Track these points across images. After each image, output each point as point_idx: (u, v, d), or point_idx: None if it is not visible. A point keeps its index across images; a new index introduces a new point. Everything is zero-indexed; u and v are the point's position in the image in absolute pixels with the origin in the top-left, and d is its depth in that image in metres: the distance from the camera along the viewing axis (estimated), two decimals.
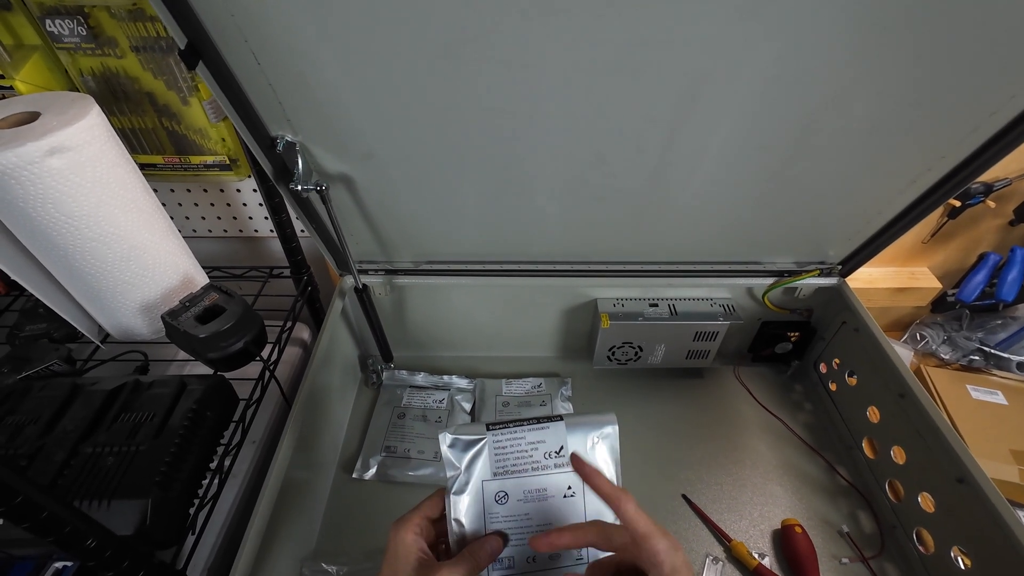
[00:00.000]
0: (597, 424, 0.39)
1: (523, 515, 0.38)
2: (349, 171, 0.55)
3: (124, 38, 0.58)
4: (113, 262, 0.56)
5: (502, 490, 0.38)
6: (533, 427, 0.39)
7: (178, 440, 0.49)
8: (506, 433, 0.38)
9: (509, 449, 0.38)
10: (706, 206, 0.61)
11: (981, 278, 0.82)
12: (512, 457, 0.38)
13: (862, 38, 0.41)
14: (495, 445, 0.38)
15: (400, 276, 0.73)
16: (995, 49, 0.42)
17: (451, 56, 0.42)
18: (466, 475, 0.38)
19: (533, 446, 0.38)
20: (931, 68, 0.44)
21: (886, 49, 0.42)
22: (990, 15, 0.40)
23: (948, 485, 0.55)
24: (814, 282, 0.74)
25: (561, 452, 0.38)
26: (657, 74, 0.44)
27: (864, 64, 0.44)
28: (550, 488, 0.38)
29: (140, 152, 0.68)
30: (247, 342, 0.59)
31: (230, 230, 0.82)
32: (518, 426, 0.39)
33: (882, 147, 0.53)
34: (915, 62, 0.43)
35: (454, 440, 0.38)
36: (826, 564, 0.61)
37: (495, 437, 0.38)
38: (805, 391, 0.81)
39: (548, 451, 0.38)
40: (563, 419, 0.39)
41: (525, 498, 0.38)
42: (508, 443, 0.38)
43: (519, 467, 0.38)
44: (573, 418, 0.39)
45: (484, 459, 0.38)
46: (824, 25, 0.40)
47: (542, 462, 0.38)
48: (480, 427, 0.39)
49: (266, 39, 0.40)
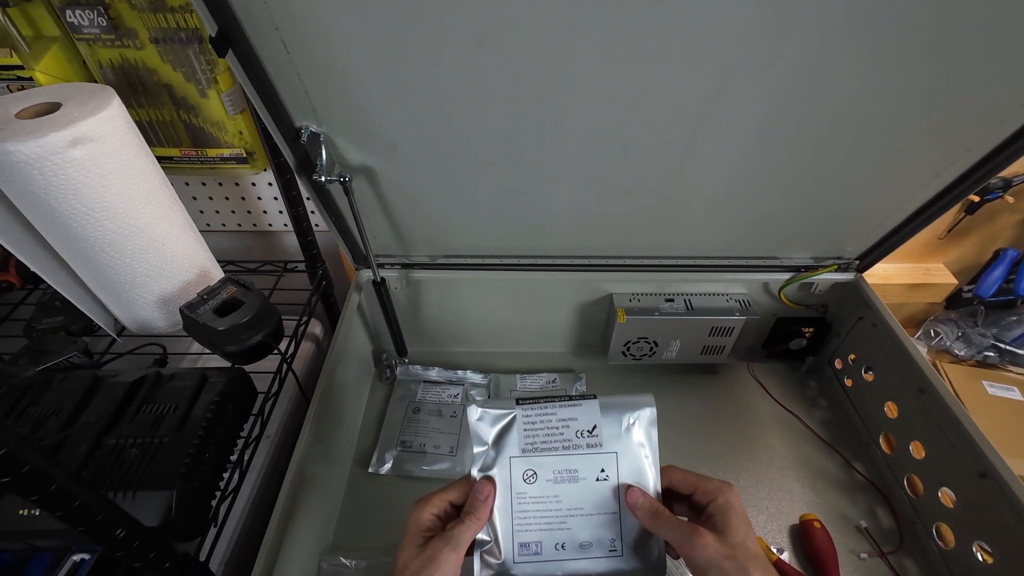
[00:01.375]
0: (633, 405, 0.37)
1: (552, 496, 0.36)
2: (372, 162, 0.54)
3: (144, 29, 0.58)
4: (132, 254, 0.56)
5: (531, 468, 0.36)
6: (565, 404, 0.37)
7: (201, 432, 0.49)
8: (536, 408, 0.37)
9: (539, 425, 0.37)
10: (727, 200, 0.61)
11: (999, 274, 0.82)
12: (542, 434, 0.36)
13: (889, 32, 0.41)
14: (524, 420, 0.37)
15: (416, 270, 0.73)
16: (1020, 42, 0.42)
17: (482, 45, 0.41)
18: (494, 451, 0.36)
19: (564, 423, 0.37)
20: (957, 61, 0.44)
21: (912, 42, 0.42)
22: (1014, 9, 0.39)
23: (970, 480, 0.55)
24: (831, 277, 0.74)
25: (594, 431, 0.36)
26: (686, 65, 0.44)
27: (891, 58, 0.43)
28: (582, 470, 0.36)
29: (157, 145, 0.68)
30: (265, 335, 0.59)
31: (244, 224, 0.82)
32: (549, 402, 0.37)
33: (907, 140, 0.52)
34: (942, 55, 0.43)
35: (482, 414, 0.37)
36: (844, 559, 0.61)
37: (525, 412, 0.37)
38: (820, 387, 0.81)
39: (580, 430, 0.36)
40: (597, 397, 0.37)
41: (555, 478, 0.36)
42: (538, 419, 0.37)
43: (549, 444, 0.36)
44: (608, 398, 0.38)
45: (513, 434, 0.36)
46: (852, 18, 0.40)
47: (574, 440, 0.36)
48: (509, 401, 0.37)
49: (297, 27, 0.39)
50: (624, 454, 0.37)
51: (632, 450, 0.37)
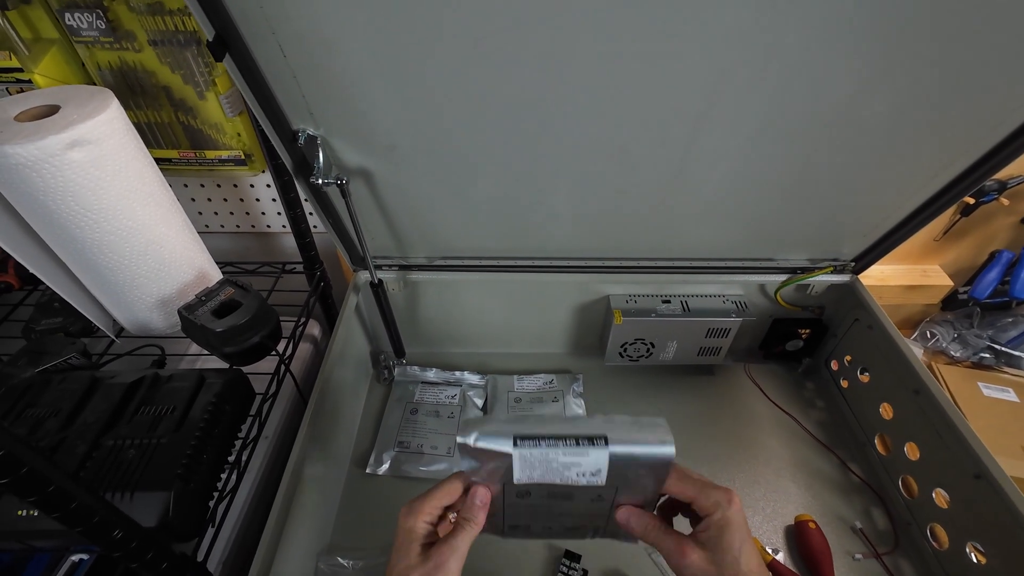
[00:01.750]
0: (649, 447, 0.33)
1: (545, 506, 0.37)
2: (369, 164, 0.55)
3: (142, 32, 0.58)
4: (130, 256, 0.56)
5: (526, 490, 0.36)
6: (570, 449, 0.34)
7: (198, 433, 0.49)
8: (537, 450, 0.34)
9: (536, 465, 0.34)
10: (724, 202, 0.61)
11: (994, 275, 0.82)
12: (539, 471, 0.34)
13: (886, 34, 0.41)
14: (520, 460, 0.34)
15: (414, 272, 0.73)
16: (1014, 46, 0.42)
17: (480, 46, 0.42)
18: (486, 473, 0.35)
19: (566, 467, 0.34)
20: (953, 64, 0.44)
21: (909, 45, 0.42)
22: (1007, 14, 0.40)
23: (964, 481, 0.55)
24: (827, 279, 0.74)
25: (597, 474, 0.34)
26: (684, 66, 0.44)
27: (887, 60, 0.44)
28: (577, 495, 0.36)
29: (156, 147, 0.68)
30: (263, 337, 0.59)
31: (243, 225, 0.82)
32: (552, 445, 0.34)
33: (903, 143, 0.53)
34: (937, 58, 0.43)
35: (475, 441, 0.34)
36: (839, 560, 0.61)
37: (522, 453, 0.34)
38: (816, 388, 0.81)
39: (583, 471, 0.34)
40: (608, 444, 0.33)
41: (549, 493, 0.36)
42: (537, 461, 0.34)
43: (546, 478, 0.35)
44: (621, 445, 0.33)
45: (508, 469, 0.34)
46: (849, 18, 0.40)
47: (574, 479, 0.34)
48: (507, 439, 0.34)
49: (294, 31, 0.40)
50: (626, 489, 0.35)
51: (636, 487, 0.35)
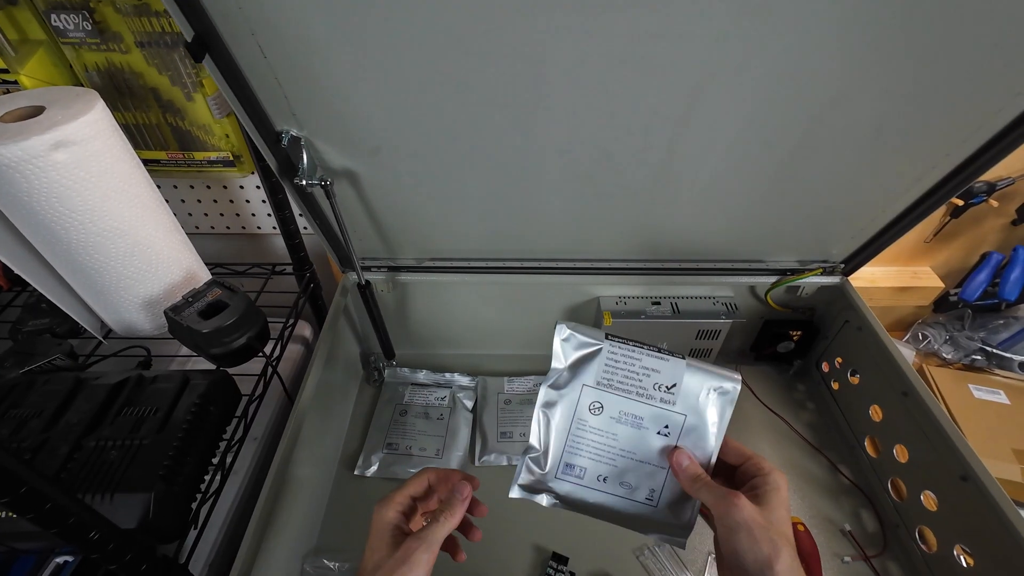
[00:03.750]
0: (719, 377, 0.37)
1: (611, 433, 0.37)
2: (354, 166, 0.55)
3: (129, 33, 0.58)
4: (117, 257, 0.56)
5: (599, 401, 0.37)
6: (652, 354, 0.37)
7: (181, 435, 0.49)
8: (624, 348, 0.37)
9: (621, 364, 0.36)
10: (711, 203, 0.61)
11: (984, 277, 0.82)
12: (621, 374, 0.36)
13: (868, 36, 0.42)
14: (609, 356, 0.36)
15: (403, 273, 0.73)
16: (998, 48, 0.42)
17: (462, 49, 0.42)
18: (568, 374, 0.36)
19: (646, 372, 0.36)
20: (936, 66, 0.44)
21: (891, 47, 0.42)
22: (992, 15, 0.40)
23: (951, 483, 0.55)
24: (817, 281, 0.74)
25: (672, 389, 0.36)
26: (666, 68, 0.44)
27: (869, 62, 0.44)
28: (647, 420, 0.37)
29: (144, 148, 0.68)
30: (250, 337, 0.59)
31: (232, 227, 0.82)
32: (638, 346, 0.37)
33: (887, 144, 0.53)
34: (920, 60, 0.44)
35: (570, 335, 0.37)
36: (828, 562, 0.61)
37: (611, 348, 0.36)
38: (807, 390, 0.81)
39: (659, 383, 0.36)
40: (685, 358, 0.37)
41: (619, 418, 0.37)
42: (622, 359, 0.36)
43: (624, 387, 0.36)
44: (697, 362, 0.37)
45: (593, 365, 0.36)
46: (830, 22, 0.40)
47: (649, 392, 0.36)
48: (599, 332, 0.37)
49: (274, 32, 0.40)
50: (692, 420, 0.37)
51: (702, 419, 0.36)
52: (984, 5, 0.39)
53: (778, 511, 0.33)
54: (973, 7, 0.39)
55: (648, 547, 0.62)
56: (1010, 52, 0.43)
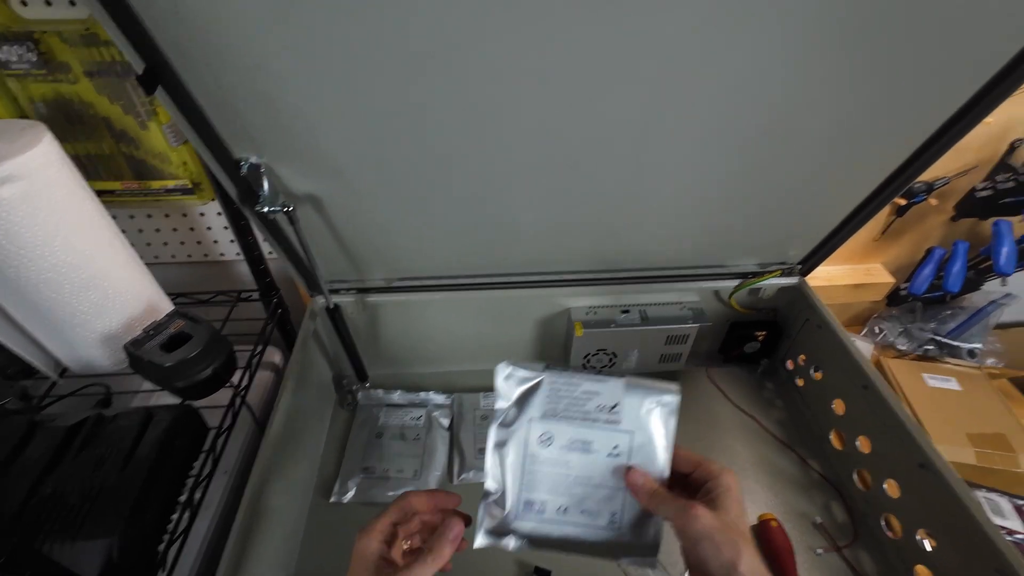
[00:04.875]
0: (657, 391, 0.38)
1: (564, 463, 0.37)
2: (317, 190, 0.54)
3: (77, 63, 0.57)
4: (71, 292, 0.54)
5: (548, 432, 0.37)
6: (591, 378, 0.38)
7: (145, 474, 0.47)
8: (564, 376, 0.38)
9: (563, 393, 0.38)
10: (675, 213, 0.63)
11: (929, 272, 0.86)
12: (564, 402, 0.38)
13: (816, 56, 0.44)
14: (550, 386, 0.38)
15: (372, 294, 0.72)
16: (927, 65, 0.45)
17: (423, 69, 0.42)
18: (515, 409, 0.37)
19: (587, 396, 0.38)
20: (875, 82, 0.47)
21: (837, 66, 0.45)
22: (923, 35, 0.43)
23: (911, 471, 0.57)
24: (776, 282, 0.77)
25: (615, 409, 0.37)
26: (630, 83, 0.45)
27: (818, 79, 0.46)
28: (596, 443, 0.37)
29: (97, 179, 0.66)
30: (216, 368, 0.57)
31: (194, 255, 0.80)
32: (576, 373, 0.38)
33: (836, 152, 0.55)
34: (861, 77, 0.46)
35: (511, 372, 0.38)
36: (803, 556, 0.62)
37: (552, 378, 0.38)
38: (775, 388, 0.84)
39: (601, 404, 0.38)
40: (624, 378, 0.38)
41: (569, 446, 0.37)
42: (563, 387, 0.38)
43: (570, 414, 0.37)
44: (635, 379, 0.38)
45: (537, 397, 0.37)
46: (784, 42, 0.42)
47: (593, 415, 0.37)
48: (539, 365, 0.38)
49: (229, 61, 0.39)
50: (639, 436, 0.38)
51: (648, 433, 0.38)
52: (915, 30, 0.42)
53: (732, 511, 0.34)
54: (905, 30, 0.42)
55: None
56: (938, 68, 0.46)
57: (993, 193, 0.79)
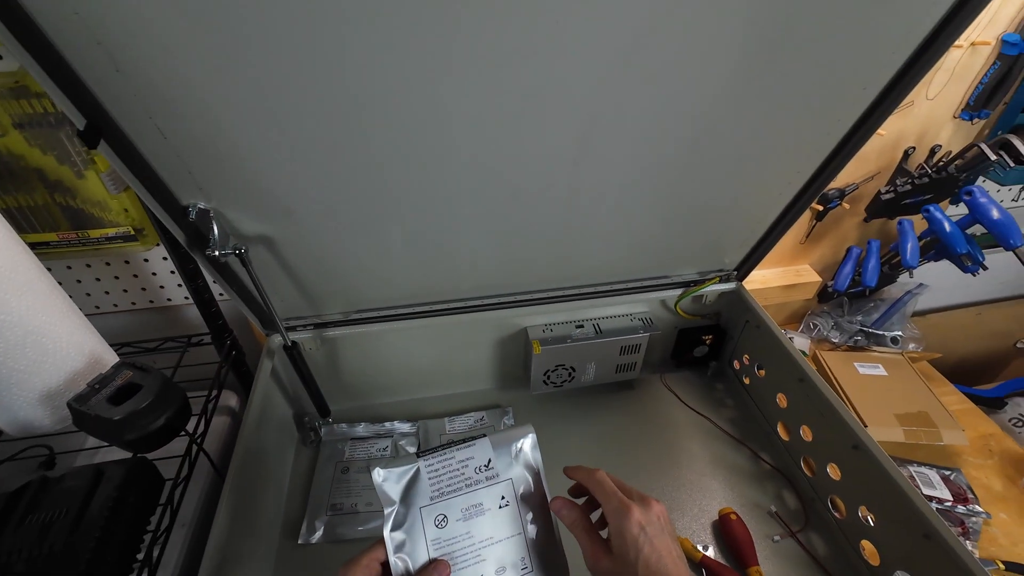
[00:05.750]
0: (516, 435, 0.42)
1: (464, 534, 0.39)
2: (268, 230, 0.55)
3: (5, 116, 0.55)
4: (5, 351, 0.52)
5: (441, 513, 0.39)
6: (461, 447, 0.41)
7: (98, 534, 0.45)
8: (436, 457, 0.40)
9: (442, 471, 0.40)
10: (615, 229, 0.67)
11: (849, 269, 0.95)
12: (446, 478, 0.40)
13: (722, 83, 0.49)
14: (428, 470, 0.39)
15: (330, 328, 0.72)
16: (825, 83, 0.51)
17: (363, 108, 0.44)
18: (403, 507, 0.38)
19: (463, 464, 0.40)
20: (780, 104, 0.53)
21: (745, 90, 0.50)
22: (819, 59, 0.49)
23: (847, 453, 0.62)
24: (716, 288, 0.83)
25: (490, 465, 0.40)
26: (555, 115, 0.49)
27: (726, 103, 0.51)
28: (486, 501, 0.40)
29: (30, 231, 0.64)
30: (169, 417, 0.56)
31: (139, 302, 0.78)
32: (447, 448, 0.41)
33: (752, 166, 0.61)
34: (767, 98, 0.52)
35: (387, 474, 0.39)
36: (761, 544, 0.66)
37: (427, 462, 0.40)
38: (725, 388, 0.89)
39: (478, 466, 0.40)
40: (487, 435, 0.42)
41: (464, 516, 0.39)
42: (440, 466, 0.40)
43: (454, 487, 0.39)
44: (496, 435, 0.42)
45: (420, 486, 0.39)
46: (692, 72, 0.47)
47: (474, 477, 0.40)
48: (411, 456, 0.40)
49: (173, 112, 0.40)
50: (517, 479, 0.41)
51: (522, 473, 0.41)
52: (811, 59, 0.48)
53: (627, 558, 0.36)
54: (800, 56, 0.48)
55: None
56: (834, 90, 0.52)
57: (895, 196, 0.88)
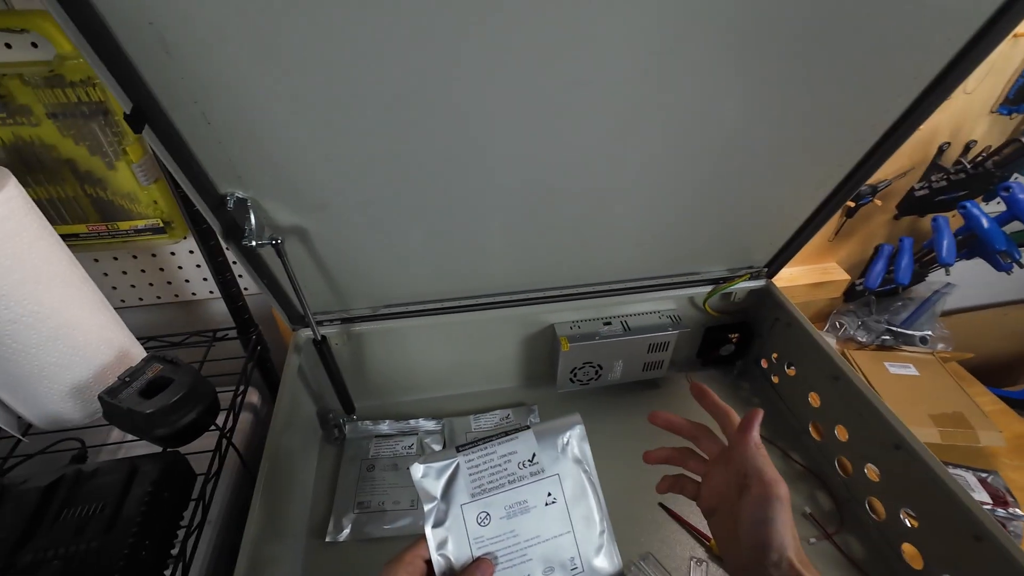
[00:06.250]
0: (564, 427, 0.40)
1: (509, 532, 0.37)
2: (302, 222, 0.54)
3: (39, 105, 0.55)
4: (38, 344, 0.51)
5: (483, 511, 0.37)
6: (503, 441, 0.39)
7: (135, 530, 0.45)
8: (477, 451, 0.38)
9: (483, 467, 0.38)
10: (646, 226, 0.66)
11: (880, 267, 0.93)
12: (487, 474, 0.38)
13: (763, 73, 0.48)
14: (468, 465, 0.38)
15: (357, 324, 0.72)
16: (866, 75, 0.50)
17: (403, 103, 0.43)
18: (444, 503, 0.37)
19: (506, 459, 0.38)
20: (821, 94, 0.51)
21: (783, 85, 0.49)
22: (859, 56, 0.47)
23: (887, 453, 0.61)
24: (746, 285, 0.81)
25: (534, 459, 0.38)
26: (592, 111, 0.48)
27: (766, 94, 0.50)
28: (530, 499, 0.38)
29: (60, 223, 0.63)
30: (200, 412, 0.55)
31: (164, 296, 0.77)
32: (487, 442, 0.39)
33: (788, 161, 0.60)
34: (808, 88, 0.50)
35: (426, 470, 0.37)
36: None
37: (467, 457, 0.38)
38: (752, 387, 0.87)
39: (521, 461, 0.38)
40: (531, 427, 0.40)
41: (507, 514, 0.37)
42: (481, 461, 0.38)
43: (496, 483, 0.38)
44: (540, 425, 0.40)
45: (460, 482, 0.37)
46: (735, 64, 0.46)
47: (518, 473, 0.38)
48: (450, 451, 0.38)
49: (218, 99, 0.39)
50: (565, 474, 0.39)
51: (571, 468, 0.39)
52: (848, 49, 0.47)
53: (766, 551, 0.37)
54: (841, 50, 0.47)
55: (634, 563, 0.63)
56: (883, 79, 0.51)
57: (929, 192, 0.87)
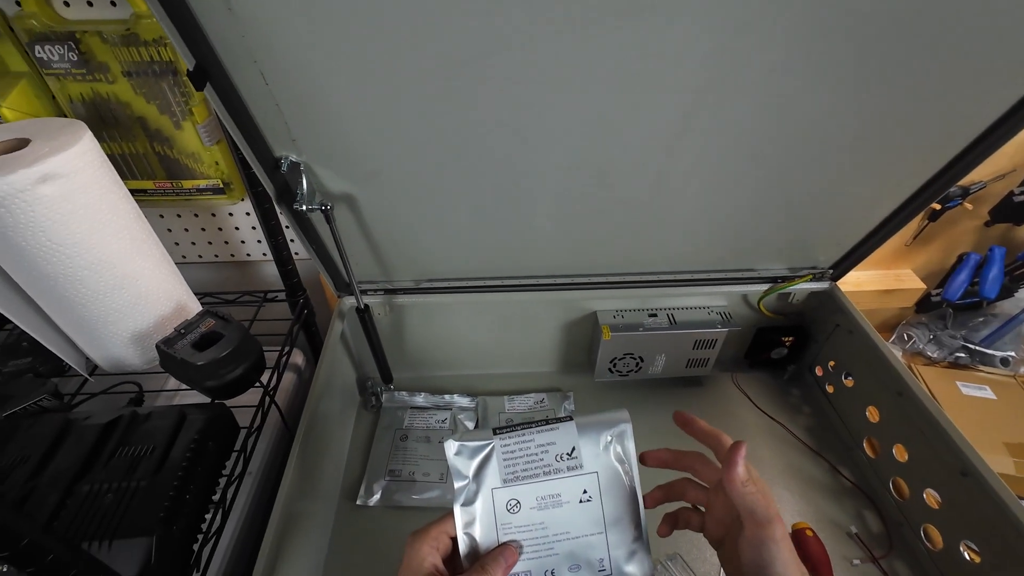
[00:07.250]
0: (610, 423, 0.37)
1: (538, 524, 0.36)
2: (352, 190, 0.54)
3: (116, 63, 0.57)
4: (105, 291, 0.54)
5: (514, 498, 0.36)
6: (542, 429, 0.37)
7: (181, 473, 0.47)
8: (514, 437, 0.36)
9: (518, 453, 0.36)
10: (703, 216, 0.63)
11: (964, 277, 0.85)
12: (522, 462, 0.36)
13: (848, 56, 0.43)
14: (503, 450, 0.36)
15: (399, 295, 0.72)
16: (967, 64, 0.45)
17: (459, 73, 0.42)
18: (475, 484, 0.36)
19: (543, 449, 0.36)
20: (911, 82, 0.46)
21: (872, 66, 0.44)
22: (959, 38, 0.42)
23: (952, 480, 0.56)
24: (807, 287, 0.76)
25: (573, 454, 0.36)
26: (658, 88, 0.45)
27: (851, 80, 0.45)
28: (564, 493, 0.36)
29: (131, 178, 0.67)
30: (247, 368, 0.57)
31: (221, 255, 0.81)
32: (526, 428, 0.37)
33: (869, 156, 0.55)
34: (898, 77, 0.45)
35: (460, 447, 0.36)
36: (839, 565, 0.61)
37: (503, 441, 0.36)
38: (802, 394, 0.82)
39: (559, 453, 0.36)
40: (573, 419, 0.37)
41: (539, 505, 0.36)
42: (517, 447, 0.36)
43: (530, 472, 0.36)
44: (584, 418, 0.37)
45: (493, 465, 0.36)
46: (813, 44, 0.42)
47: (554, 465, 0.36)
48: (487, 432, 0.37)
49: (276, 59, 0.40)
50: (604, 473, 0.37)
51: (612, 467, 0.37)
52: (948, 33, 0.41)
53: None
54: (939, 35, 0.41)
55: (661, 562, 0.61)
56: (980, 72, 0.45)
57: None
